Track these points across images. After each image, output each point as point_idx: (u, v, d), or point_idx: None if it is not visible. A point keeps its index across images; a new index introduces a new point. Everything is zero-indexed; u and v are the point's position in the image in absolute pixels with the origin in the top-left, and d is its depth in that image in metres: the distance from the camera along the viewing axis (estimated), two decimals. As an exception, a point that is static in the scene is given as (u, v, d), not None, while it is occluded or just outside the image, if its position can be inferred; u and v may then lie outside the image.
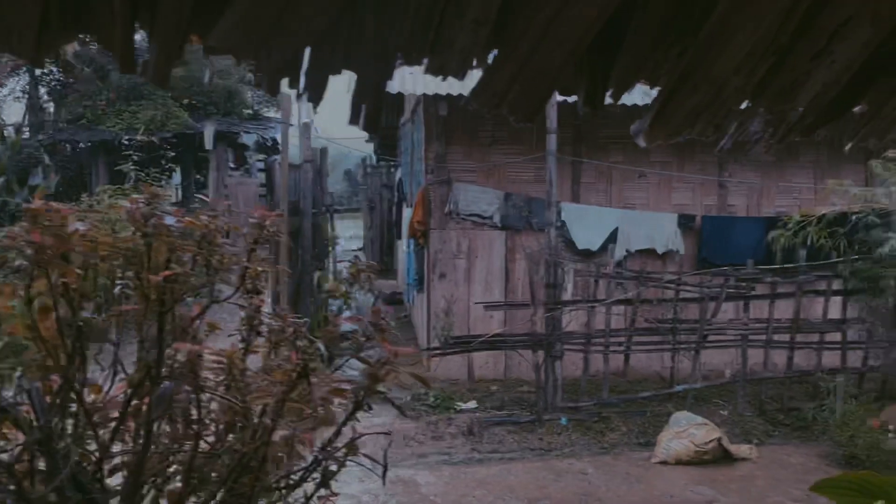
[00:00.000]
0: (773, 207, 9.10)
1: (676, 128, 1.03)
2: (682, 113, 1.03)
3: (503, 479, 6.82)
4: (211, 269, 1.68)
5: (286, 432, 1.66)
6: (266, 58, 0.93)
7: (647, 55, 0.93)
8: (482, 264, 9.11)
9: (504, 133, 9.00)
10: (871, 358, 7.99)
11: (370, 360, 1.85)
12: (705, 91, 1.00)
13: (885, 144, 1.03)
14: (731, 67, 0.93)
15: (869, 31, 0.91)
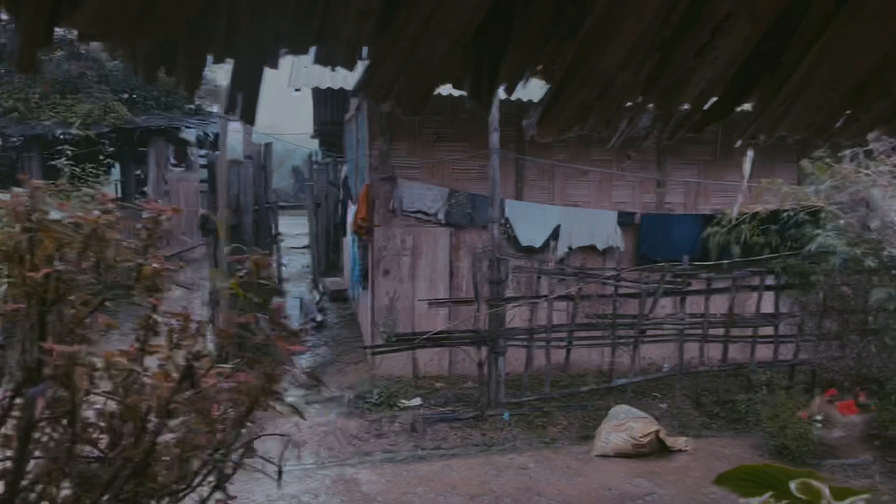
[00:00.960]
0: (709, 205, 9.32)
1: (567, 122, 1.04)
2: (572, 107, 1.03)
3: (445, 475, 6.83)
4: (102, 266, 1.61)
5: (177, 435, 1.60)
6: (140, 45, 0.89)
7: (536, 48, 0.93)
8: (427, 261, 9.10)
9: (448, 130, 9.01)
10: (801, 351, 8.25)
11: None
12: (593, 86, 1.01)
13: (773, 140, 1.05)
14: (617, 62, 0.93)
15: (748, 28, 0.93)
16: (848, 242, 7.33)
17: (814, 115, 1.14)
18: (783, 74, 1.05)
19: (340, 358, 10.22)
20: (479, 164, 8.79)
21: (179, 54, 0.92)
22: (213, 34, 0.90)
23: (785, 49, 1.00)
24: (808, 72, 1.05)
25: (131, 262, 1.61)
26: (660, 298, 8.38)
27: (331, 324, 12.02)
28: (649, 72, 1.00)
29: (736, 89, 1.06)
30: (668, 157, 9.37)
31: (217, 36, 0.90)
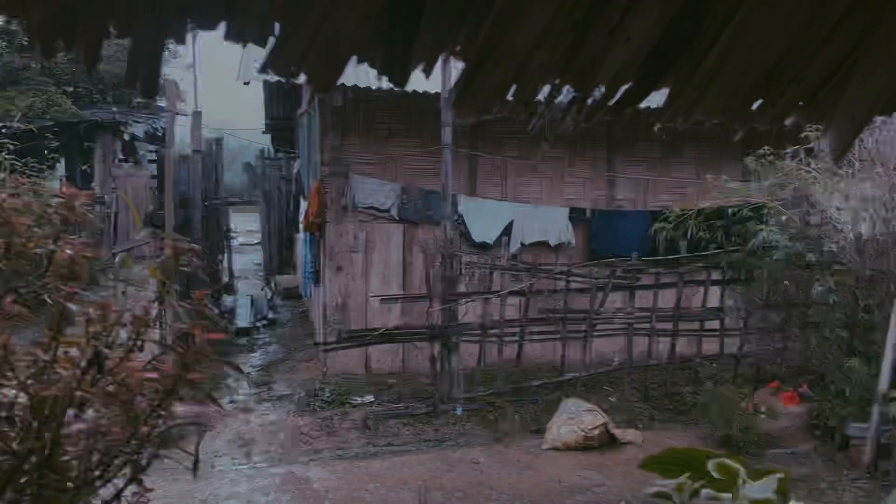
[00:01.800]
0: (658, 202, 9.48)
1: (485, 103, 1.03)
2: (488, 88, 1.03)
3: (397, 471, 6.81)
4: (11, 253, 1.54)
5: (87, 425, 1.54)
6: (35, 13, 0.85)
7: (450, 27, 0.92)
8: (380, 257, 9.06)
9: (402, 125, 8.98)
10: (746, 344, 8.46)
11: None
12: (508, 66, 1.00)
13: (691, 125, 1.07)
14: (531, 42, 0.93)
15: (658, 9, 0.94)
16: (790, 238, 7.54)
17: (729, 100, 1.16)
18: (696, 58, 1.07)
19: (292, 356, 10.11)
20: (433, 160, 8.78)
21: (78, 25, 0.89)
22: (113, 3, 0.87)
23: (697, 33, 1.01)
24: (721, 56, 1.07)
25: (44, 248, 1.55)
26: (610, 293, 8.49)
27: (283, 321, 11.89)
28: (564, 52, 1.00)
29: (651, 72, 1.08)
30: (618, 155, 9.51)
31: (117, 6, 0.86)
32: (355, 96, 8.42)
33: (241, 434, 7.62)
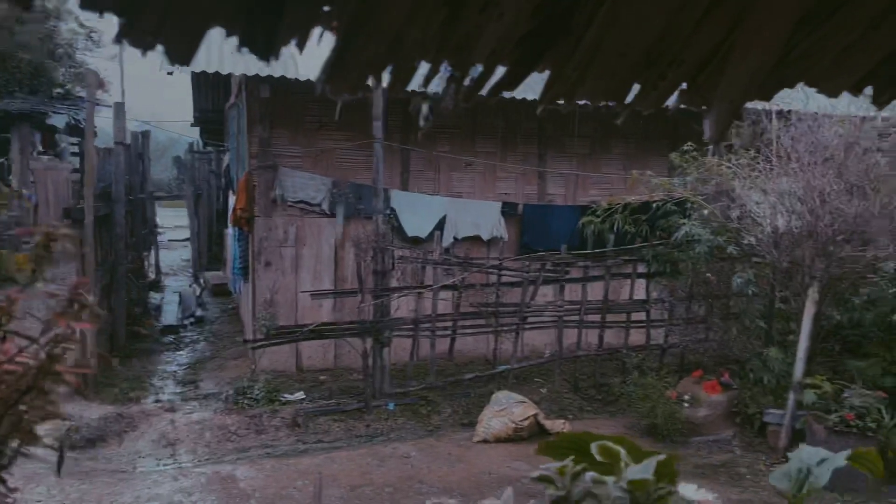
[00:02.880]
0: (587, 196, 9.63)
1: (358, 80, 1.01)
2: (360, 65, 1.00)
3: (327, 468, 6.74)
4: None
5: None
6: None
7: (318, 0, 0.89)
8: (311, 252, 8.93)
9: (332, 118, 8.86)
10: (671, 335, 8.68)
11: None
12: (380, 42, 0.98)
13: (571, 106, 1.06)
14: (402, 17, 0.91)
15: (529, -16, 0.94)
16: (712, 231, 7.77)
17: (609, 82, 1.17)
18: (574, 39, 1.07)
19: (221, 353, 9.89)
20: (364, 153, 8.71)
21: None
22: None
23: (574, 12, 1.01)
24: (598, 36, 1.07)
25: None
26: (540, 286, 8.59)
27: (212, 318, 11.62)
28: (438, 29, 0.99)
29: (529, 53, 1.07)
30: (549, 150, 9.62)
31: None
32: (284, 88, 8.28)
33: (166, 434, 7.41)
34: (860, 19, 1.17)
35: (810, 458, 1.47)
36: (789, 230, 6.98)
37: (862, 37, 1.22)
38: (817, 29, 1.16)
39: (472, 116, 9.13)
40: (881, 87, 1.34)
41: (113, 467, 6.80)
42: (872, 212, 6.57)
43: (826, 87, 1.30)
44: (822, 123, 7.01)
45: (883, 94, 1.35)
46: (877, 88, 1.34)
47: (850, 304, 7.41)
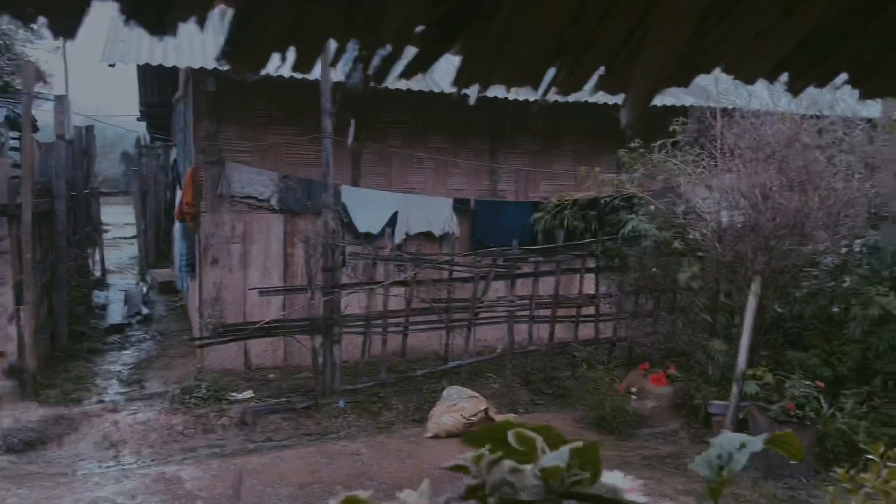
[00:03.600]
0: (538, 193, 9.69)
1: (261, 58, 0.97)
2: (264, 42, 0.97)
3: (275, 467, 6.65)
4: None
5: None
6: None
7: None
8: (259, 248, 8.79)
9: (280, 112, 8.74)
10: (620, 328, 8.80)
11: None
12: (282, 18, 0.95)
13: (485, 89, 1.04)
14: (304, -9, 0.89)
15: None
16: (658, 226, 7.89)
17: (523, 66, 1.16)
18: (486, 20, 1.05)
19: (167, 352, 9.67)
20: (314, 148, 8.60)
21: None
22: None
23: (484, -8, 1.00)
24: (510, 18, 1.05)
25: None
26: (492, 282, 8.62)
27: (158, 317, 11.35)
28: (342, 5, 0.96)
29: (441, 34, 1.05)
30: (501, 147, 9.65)
31: None
32: (231, 81, 8.13)
33: (109, 435, 7.22)
34: (772, 5, 1.18)
35: (731, 444, 1.47)
36: (732, 225, 7.13)
37: (775, 23, 1.23)
38: (730, 14, 1.17)
39: (423, 112, 9.10)
40: (796, 74, 1.36)
41: (53, 470, 6.60)
42: (811, 207, 6.76)
43: (742, 73, 1.31)
44: (764, 121, 7.17)
45: (797, 81, 1.36)
46: (792, 75, 1.36)
47: (792, 297, 7.61)
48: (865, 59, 1.36)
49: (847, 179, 6.96)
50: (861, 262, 7.53)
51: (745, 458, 1.49)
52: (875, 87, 1.42)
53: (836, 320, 7.35)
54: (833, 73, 1.37)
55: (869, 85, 1.41)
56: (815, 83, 1.38)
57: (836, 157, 7.10)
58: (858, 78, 1.39)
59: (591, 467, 1.32)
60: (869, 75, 1.40)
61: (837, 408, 6.67)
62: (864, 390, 6.90)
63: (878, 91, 1.44)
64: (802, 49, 1.30)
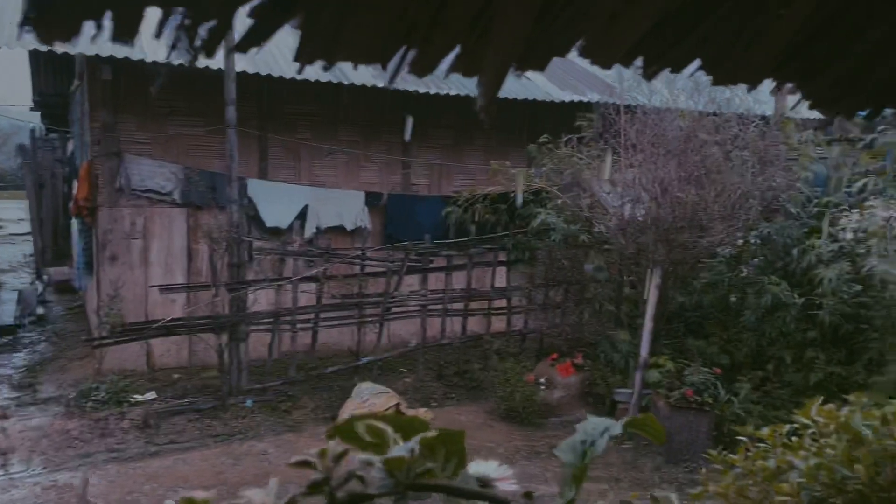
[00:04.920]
0: (451, 187, 9.71)
1: (72, 25, 0.90)
2: (72, 5, 0.90)
3: (177, 469, 6.43)
4: None
5: None
6: None
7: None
8: (161, 244, 8.46)
9: (183, 103, 8.43)
10: (530, 320, 8.93)
11: None
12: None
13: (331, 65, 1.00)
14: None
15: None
16: (565, 220, 8.04)
17: (369, 42, 1.12)
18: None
19: (63, 354, 9.19)
20: (219, 140, 8.33)
21: None
22: None
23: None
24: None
25: None
26: (404, 276, 8.58)
27: (55, 317, 10.78)
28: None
29: (276, 4, 1.00)
30: (413, 140, 9.61)
31: None
32: (129, 70, 7.77)
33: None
34: (620, -11, 1.18)
35: (595, 429, 1.45)
36: (634, 218, 7.34)
37: (626, 7, 1.23)
38: (577, -4, 1.17)
39: (333, 104, 8.96)
40: (650, 59, 1.37)
41: None
42: (708, 200, 7.03)
43: (598, 56, 1.32)
44: (664, 117, 7.41)
45: (651, 65, 1.38)
46: (646, 60, 1.37)
47: (692, 287, 7.90)
48: (716, 44, 1.39)
49: (742, 174, 7.27)
50: (755, 253, 7.89)
51: (606, 441, 1.50)
52: (726, 74, 1.46)
53: (733, 309, 7.67)
54: (686, 59, 1.40)
55: (720, 71, 1.45)
56: (669, 68, 1.41)
57: (732, 153, 7.40)
58: (710, 64, 1.43)
59: (455, 457, 1.29)
60: (720, 61, 1.43)
61: (733, 393, 6.97)
62: (758, 375, 7.24)
63: (729, 77, 1.47)
64: (655, 33, 1.32)
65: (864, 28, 1.39)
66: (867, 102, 1.56)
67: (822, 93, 1.52)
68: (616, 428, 1.53)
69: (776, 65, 1.47)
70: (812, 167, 7.49)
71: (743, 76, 1.47)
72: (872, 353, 6.83)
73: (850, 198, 7.49)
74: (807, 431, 2.23)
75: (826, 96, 1.53)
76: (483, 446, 7.06)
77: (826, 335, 7.00)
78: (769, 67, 1.47)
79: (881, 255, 6.67)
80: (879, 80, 1.49)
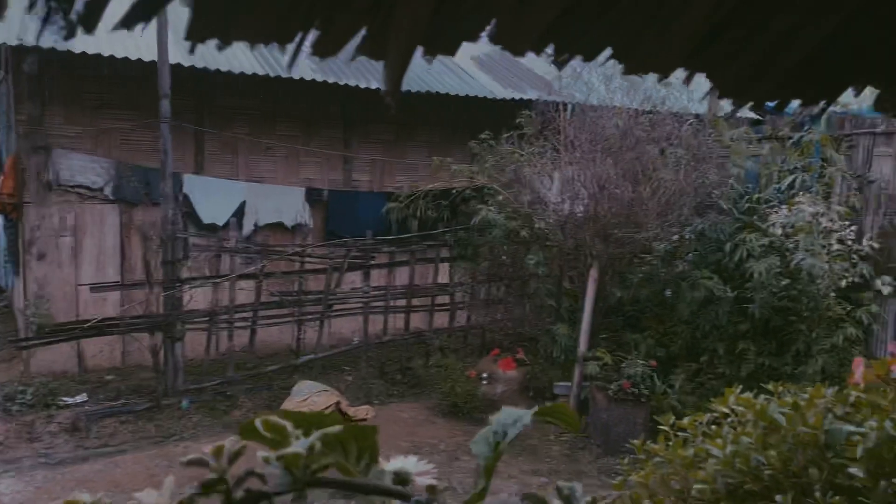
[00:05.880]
0: (393, 183, 9.66)
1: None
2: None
3: (109, 473, 6.24)
4: None
5: None
6: None
7: None
8: (92, 242, 8.18)
9: (114, 96, 8.16)
10: (473, 316, 8.96)
11: None
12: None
13: (226, 44, 0.96)
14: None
15: None
16: (507, 216, 8.09)
17: (266, 21, 1.08)
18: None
19: None
20: (153, 134, 8.09)
21: None
22: None
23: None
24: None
25: None
26: (346, 273, 8.51)
27: None
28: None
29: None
30: (354, 135, 9.53)
31: None
32: (57, 62, 7.48)
33: None
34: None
35: (507, 420, 1.43)
36: (574, 214, 7.43)
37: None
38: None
39: (271, 98, 8.81)
40: (561, 46, 1.37)
41: None
42: (644, 197, 7.16)
43: (509, 43, 1.31)
44: (601, 115, 7.52)
45: (562, 52, 1.38)
46: (557, 47, 1.37)
47: (629, 281, 8.03)
48: (626, 32, 1.40)
49: (676, 171, 7.43)
50: (690, 249, 8.07)
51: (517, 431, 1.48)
52: (638, 63, 1.47)
53: (668, 303, 7.83)
54: (597, 46, 1.40)
55: (631, 60, 1.46)
56: (580, 55, 1.41)
57: (667, 151, 7.56)
58: (622, 52, 1.44)
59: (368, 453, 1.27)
60: (631, 49, 1.44)
61: (669, 385, 7.13)
62: (692, 367, 7.42)
63: (641, 66, 1.49)
64: (565, 19, 1.32)
65: (770, 18, 1.42)
66: (774, 93, 1.60)
67: (731, 82, 1.55)
68: (526, 418, 1.53)
69: (687, 54, 1.49)
70: (743, 164, 7.70)
71: (654, 65, 1.49)
72: (800, 345, 7.08)
73: (779, 194, 7.74)
74: (726, 420, 2.28)
75: (734, 86, 1.56)
76: (425, 443, 7.06)
77: (757, 327, 7.22)
78: (680, 57, 1.49)
79: (808, 249, 6.92)
80: (785, 70, 1.53)
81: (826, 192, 7.72)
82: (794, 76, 1.55)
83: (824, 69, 1.55)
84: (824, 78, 1.57)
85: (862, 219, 7.74)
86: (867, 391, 2.21)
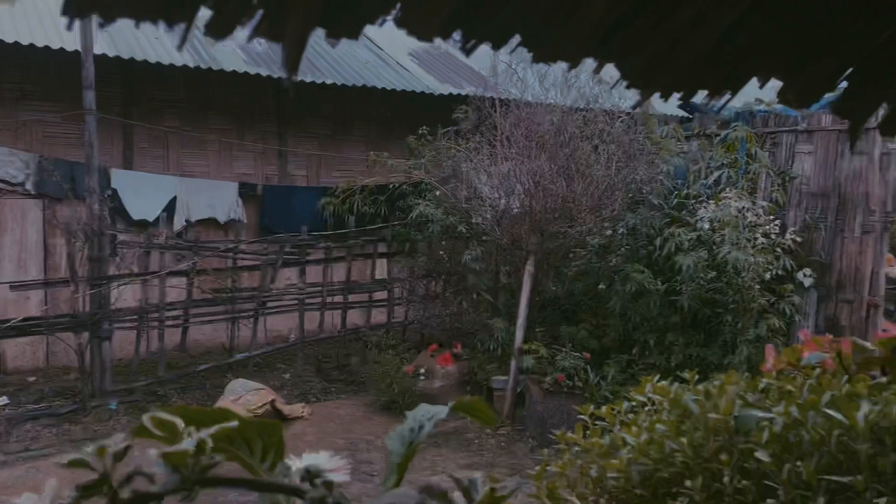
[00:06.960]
0: (330, 178, 9.56)
1: None
2: None
3: (31, 479, 5.99)
4: None
5: None
6: None
7: None
8: (13, 238, 7.84)
9: (35, 86, 7.84)
10: (411, 312, 8.94)
11: None
12: None
13: (109, 22, 0.91)
14: None
15: None
16: (444, 212, 8.09)
17: None
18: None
19: None
20: (78, 127, 7.80)
21: None
22: None
23: None
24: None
25: None
26: (281, 269, 8.38)
27: None
28: None
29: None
30: (290, 130, 9.39)
31: None
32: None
33: None
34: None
35: (423, 415, 1.42)
36: (510, 210, 7.48)
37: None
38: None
39: (202, 90, 8.60)
40: (468, 31, 1.37)
41: None
42: (577, 192, 7.26)
43: (413, 27, 1.30)
44: (536, 111, 7.59)
45: (470, 38, 1.38)
46: (464, 33, 1.36)
47: (564, 276, 8.15)
48: (534, 18, 1.40)
49: (608, 167, 7.56)
50: (622, 243, 8.23)
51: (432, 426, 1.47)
52: (546, 51, 1.48)
53: (601, 296, 7.97)
54: (505, 33, 1.40)
55: (540, 47, 1.47)
56: (489, 41, 1.40)
57: (599, 147, 7.68)
58: (530, 39, 1.44)
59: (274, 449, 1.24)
60: (539, 37, 1.45)
61: (602, 376, 7.26)
62: (624, 359, 7.57)
63: (549, 54, 1.49)
64: (471, 4, 1.31)
65: (675, 7, 1.44)
66: (679, 83, 1.63)
67: (638, 72, 1.57)
68: (442, 413, 1.51)
69: (595, 44, 1.50)
70: (673, 161, 7.89)
71: (563, 54, 1.50)
72: (727, 335, 7.30)
73: (707, 190, 7.95)
74: (643, 409, 2.33)
75: (641, 76, 1.58)
76: (362, 439, 7.01)
77: (686, 319, 7.41)
78: (588, 46, 1.50)
79: (734, 243, 7.13)
80: (690, 60, 1.56)
81: (751, 187, 7.97)
82: (699, 67, 1.58)
83: (728, 60, 1.59)
84: (728, 69, 1.61)
85: (785, 213, 8.02)
86: (778, 378, 2.29)
